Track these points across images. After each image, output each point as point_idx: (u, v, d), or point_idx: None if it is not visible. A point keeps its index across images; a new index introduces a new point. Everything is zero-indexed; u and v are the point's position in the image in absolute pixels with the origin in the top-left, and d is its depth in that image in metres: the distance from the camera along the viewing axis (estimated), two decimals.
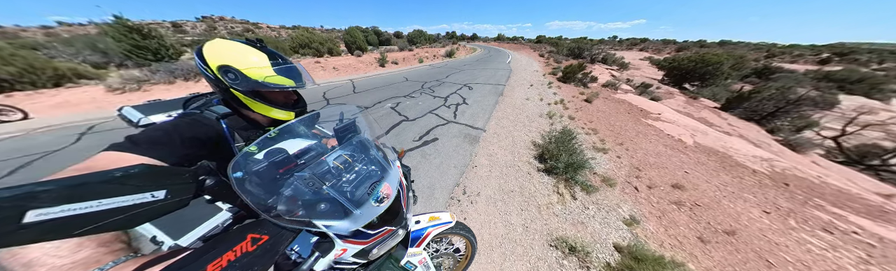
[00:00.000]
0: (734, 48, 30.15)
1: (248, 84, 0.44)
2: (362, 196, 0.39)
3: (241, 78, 0.44)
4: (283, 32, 26.75)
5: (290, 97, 0.54)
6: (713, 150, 3.07)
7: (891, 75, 15.15)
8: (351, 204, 0.36)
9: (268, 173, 0.37)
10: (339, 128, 0.50)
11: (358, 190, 0.39)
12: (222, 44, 0.45)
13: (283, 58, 0.48)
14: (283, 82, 0.46)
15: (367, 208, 0.37)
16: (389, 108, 3.20)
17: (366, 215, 0.37)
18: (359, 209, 0.36)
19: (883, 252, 1.64)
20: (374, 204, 0.38)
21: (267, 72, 0.45)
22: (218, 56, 0.44)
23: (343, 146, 0.46)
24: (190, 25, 26.75)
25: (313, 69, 6.59)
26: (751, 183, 2.35)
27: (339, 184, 0.39)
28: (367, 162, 0.45)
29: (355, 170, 0.42)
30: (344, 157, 0.43)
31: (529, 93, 4.19)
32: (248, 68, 0.44)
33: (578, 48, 11.72)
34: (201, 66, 0.44)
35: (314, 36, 9.66)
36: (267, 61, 0.45)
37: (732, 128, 4.93)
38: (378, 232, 0.42)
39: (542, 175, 1.74)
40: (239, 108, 0.51)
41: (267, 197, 0.35)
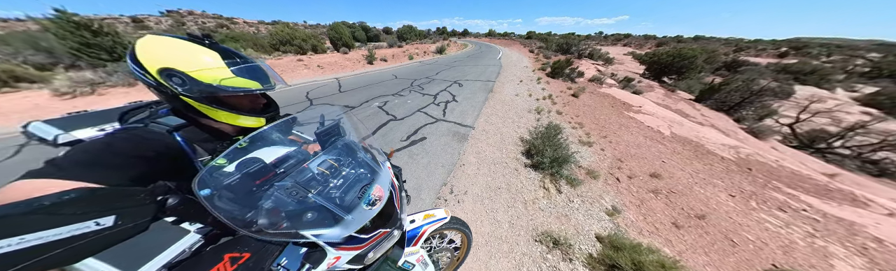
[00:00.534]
0: (707, 43, 31.59)
1: (200, 89, 0.36)
2: (353, 200, 0.36)
3: (191, 82, 0.35)
4: (263, 28, 24.49)
5: (258, 101, 0.46)
6: (688, 140, 3.19)
7: (836, 67, 16.41)
8: (341, 209, 0.33)
9: (242, 186, 0.33)
10: (321, 131, 0.44)
11: (348, 194, 0.37)
12: (159, 42, 0.35)
13: (241, 56, 0.40)
14: (245, 85, 0.39)
15: (359, 212, 0.35)
16: (377, 107, 3.01)
17: (358, 220, 0.34)
18: (350, 214, 0.34)
19: (825, 226, 1.80)
20: (366, 208, 0.35)
21: (222, 73, 0.36)
22: (156, 57, 0.34)
23: (327, 151, 0.42)
24: (153, 20, 23.06)
25: (296, 67, 6.06)
26: (720, 169, 2.48)
27: (325, 191, 0.36)
28: (354, 165, 0.42)
29: (343, 175, 0.39)
30: (329, 162, 0.40)
31: (519, 89, 4.08)
32: (197, 70, 0.35)
33: (567, 44, 11.66)
34: (137, 71, 0.35)
35: (296, 32, 8.79)
36: (221, 61, 0.37)
37: (705, 119, 5.17)
38: (372, 235, 0.39)
39: (530, 170, 1.70)
40: (196, 118, 0.42)
41: (244, 211, 0.32)
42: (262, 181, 0.35)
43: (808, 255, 1.48)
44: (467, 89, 3.94)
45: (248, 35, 9.22)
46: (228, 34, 9.07)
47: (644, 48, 25.74)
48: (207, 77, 0.36)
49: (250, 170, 0.34)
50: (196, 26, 22.08)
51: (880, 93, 9.74)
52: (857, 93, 11.36)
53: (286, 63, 6.32)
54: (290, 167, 0.39)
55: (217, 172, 0.33)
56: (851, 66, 17.91)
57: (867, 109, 8.65)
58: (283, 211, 0.33)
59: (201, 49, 0.36)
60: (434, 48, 11.33)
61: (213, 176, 0.32)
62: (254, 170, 0.34)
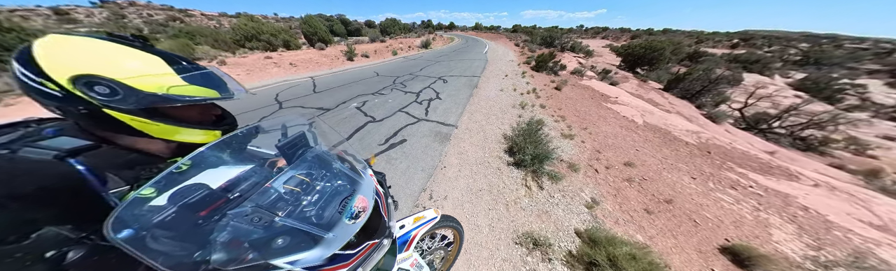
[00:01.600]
0: (674, 35, 32.53)
1: (140, 100, 0.26)
2: (333, 215, 0.31)
3: (127, 91, 0.26)
4: (226, 21, 20.28)
5: (210, 112, 0.36)
6: (658, 128, 3.24)
7: (775, 56, 17.85)
8: (319, 228, 0.28)
9: (183, 220, 0.26)
10: (284, 144, 0.35)
11: (326, 210, 0.31)
12: (71, 43, 0.25)
13: (188, 60, 0.31)
14: (200, 93, 0.30)
15: (342, 228, 0.30)
16: (355, 109, 2.62)
17: (341, 236, 0.29)
18: (331, 231, 0.29)
19: (768, 200, 1.95)
20: (349, 222, 0.31)
21: (170, 80, 0.28)
22: (69, 62, 0.24)
23: (294, 165, 0.34)
24: (82, 12, 16.77)
25: (265, 66, 5.08)
26: (684, 154, 2.56)
27: (297, 211, 0.30)
28: (330, 177, 0.36)
29: (317, 190, 0.33)
30: (299, 178, 0.33)
31: (503, 84, 3.84)
32: (136, 77, 0.26)
33: (550, 37, 11.36)
34: (30, 81, 0.23)
35: (264, 26, 7.31)
36: (166, 66, 0.28)
37: (672, 106, 5.36)
38: (360, 249, 0.34)
39: (512, 169, 1.58)
40: (112, 137, 0.30)
41: (191, 251, 0.25)
42: (209, 211, 0.28)
43: (753, 227, 1.58)
44: (452, 85, 3.62)
45: (206, 30, 7.50)
46: (183, 29, 7.37)
47: (620, 41, 25.84)
48: (150, 85, 0.26)
49: (191, 200, 0.27)
50: (141, 20, 16.62)
51: (807, 79, 10.93)
52: (791, 79, 12.55)
53: (252, 61, 5.27)
54: (247, 190, 0.33)
55: (142, 208, 0.24)
56: (786, 55, 19.77)
57: (798, 93, 9.62)
58: (245, 241, 0.26)
59: (135, 52, 0.27)
60: (419, 42, 10.30)
61: (137, 212, 0.23)
62: (196, 198, 0.27)
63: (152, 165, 0.31)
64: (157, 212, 0.25)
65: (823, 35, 48.04)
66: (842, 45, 28.53)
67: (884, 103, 10.09)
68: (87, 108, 0.26)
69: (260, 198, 0.30)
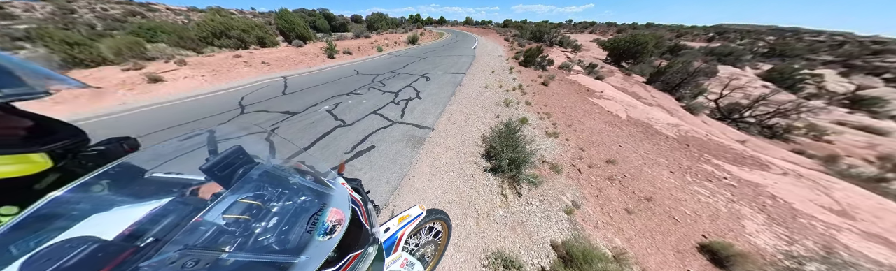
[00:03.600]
0: (656, 29, 32.26)
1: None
2: (302, 236, 0.27)
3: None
4: (195, 16, 17.72)
5: (9, 124, 0.22)
6: (640, 122, 3.10)
7: (746, 48, 18.15)
8: (286, 255, 0.25)
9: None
10: (211, 165, 0.28)
11: (291, 232, 0.27)
12: None
13: None
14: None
15: (315, 247, 0.26)
16: (325, 112, 2.25)
17: (316, 256, 0.26)
18: (302, 254, 0.25)
19: (741, 190, 1.89)
20: (323, 239, 0.27)
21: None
22: None
23: (234, 189, 0.28)
24: (20, 6, 12.74)
25: (234, 65, 4.27)
26: (665, 147, 2.45)
27: (251, 241, 0.25)
28: (289, 195, 0.31)
29: (274, 212, 0.28)
30: (244, 203, 0.27)
31: (489, 81, 3.49)
32: None
33: (540, 31, 10.79)
34: None
35: (234, 21, 6.17)
36: None
37: (654, 99, 5.26)
38: (342, 263, 0.30)
39: (488, 175, 1.37)
40: None
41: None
42: (112, 268, 0.20)
43: (727, 220, 1.52)
44: (434, 83, 3.25)
45: (170, 25, 6.32)
46: (143, 25, 6.13)
47: (607, 35, 25.16)
48: None
49: (66, 264, 0.18)
50: (93, 14, 13.39)
51: (774, 70, 11.26)
52: (759, 70, 12.84)
53: (219, 61, 4.41)
54: (167, 230, 0.25)
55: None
56: (755, 48, 20.19)
57: (766, 83, 9.85)
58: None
59: None
60: (406, 38, 9.34)
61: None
62: (78, 258, 0.18)
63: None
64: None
65: (788, 28, 49.46)
66: (802, 37, 29.69)
67: (836, 91, 10.65)
68: None
69: (188, 237, 0.22)
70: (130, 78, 3.21)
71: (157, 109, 2.46)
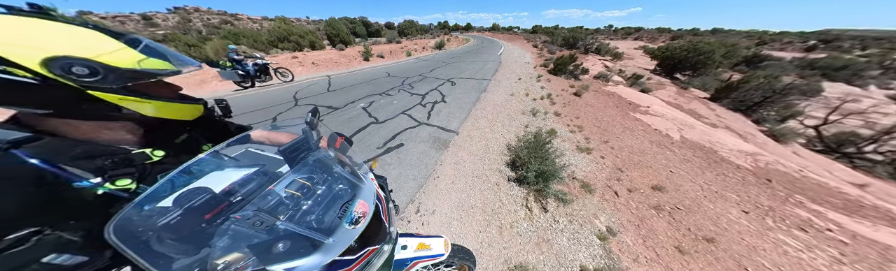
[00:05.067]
0: (726, 36, 28.51)
1: (121, 77, 0.26)
2: (333, 220, 0.31)
3: (106, 70, 0.25)
4: (266, 24, 23.84)
5: (175, 88, 0.35)
6: (699, 145, 2.78)
7: (873, 61, 14.54)
8: (319, 233, 0.28)
9: (186, 223, 0.27)
10: (286, 148, 0.35)
11: (326, 215, 0.31)
12: (18, 23, 0.22)
13: (123, 33, 0.29)
14: (162, 66, 0.29)
15: (342, 233, 0.30)
16: (361, 109, 2.72)
17: (341, 241, 0.30)
18: (331, 237, 0.29)
19: (855, 249, 1.50)
20: (350, 227, 0.31)
21: (133, 54, 0.27)
22: (32, 44, 0.22)
23: (296, 169, 0.34)
24: (161, 17, 22.55)
25: (291, 65, 5.62)
26: (734, 180, 2.12)
27: (298, 215, 0.30)
28: (331, 181, 0.36)
29: (318, 194, 0.34)
30: (300, 182, 0.33)
31: (515, 88, 3.64)
32: (105, 54, 0.25)
33: (573, 38, 10.70)
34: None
35: (293, 28, 8.39)
36: (114, 40, 0.26)
37: (720, 120, 4.60)
38: (360, 255, 0.34)
39: (512, 185, 1.43)
40: (59, 128, 0.27)
41: (191, 254, 0.26)
42: (213, 214, 0.29)
43: None
44: (459, 88, 3.56)
45: (249, 31, 8.76)
46: (231, 31, 8.76)
47: (657, 42, 23.91)
48: (124, 60, 0.26)
49: (195, 203, 0.27)
50: (201, 22, 21.90)
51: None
52: (894, 91, 10.05)
53: (282, 60, 5.93)
54: (249, 193, 0.34)
55: (145, 211, 0.25)
56: (889, 61, 15.80)
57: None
58: (245, 245, 0.26)
59: (77, 29, 0.25)
60: (433, 43, 10.61)
61: (138, 216, 0.24)
62: (200, 202, 0.28)
63: (116, 156, 0.29)
64: (162, 215, 0.25)
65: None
66: None
67: None
68: (68, 93, 0.24)
69: (262, 201, 0.29)
70: (216, 74, 4.52)
71: (237, 97, 3.44)
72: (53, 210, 0.24)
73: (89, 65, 0.24)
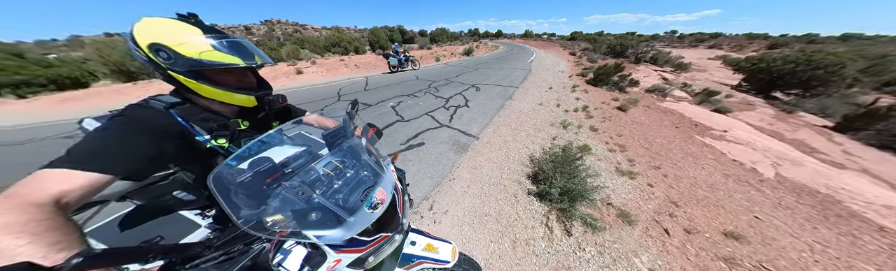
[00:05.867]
0: (869, 44, 20.80)
1: (184, 63, 0.38)
2: (355, 202, 0.37)
3: (176, 56, 0.38)
4: (324, 32, 31.20)
5: (245, 79, 0.47)
6: (809, 189, 2.10)
7: None
8: (344, 211, 0.35)
9: (253, 184, 0.35)
10: (328, 133, 0.46)
11: (351, 196, 0.38)
12: (153, 21, 0.38)
13: (222, 32, 0.42)
14: (224, 59, 0.40)
15: (361, 215, 0.36)
16: (390, 107, 3.16)
17: (360, 222, 0.35)
18: (352, 216, 0.35)
19: None
20: (369, 211, 0.37)
21: (202, 47, 0.39)
22: (148, 34, 0.37)
23: (333, 152, 0.43)
24: (256, 28, 34.82)
25: (338, 66, 7.14)
26: (874, 248, 1.49)
27: (329, 192, 0.37)
28: (359, 167, 0.43)
29: (347, 177, 0.41)
30: (334, 164, 0.41)
31: (545, 98, 3.60)
32: (180, 44, 0.37)
33: (621, 45, 9.94)
34: (133, 49, 0.38)
35: (343, 35, 10.77)
36: (202, 35, 0.39)
37: (849, 159, 3.33)
38: (374, 238, 0.40)
39: (533, 200, 1.40)
40: (190, 96, 0.44)
41: (253, 208, 0.33)
42: (271, 180, 0.36)
43: None
44: (484, 94, 3.72)
45: (311, 38, 11.54)
46: (299, 38, 11.77)
47: (745, 51, 19.45)
48: (189, 50, 0.37)
49: (261, 169, 0.36)
50: (280, 31, 30.83)
51: None
52: None
53: (332, 62, 7.56)
54: (297, 167, 0.41)
55: (232, 169, 0.35)
56: None
57: None
58: (289, 210, 0.33)
59: (185, 25, 0.39)
60: (462, 50, 11.45)
61: (228, 172, 0.34)
62: (264, 168, 0.36)
63: (220, 121, 0.45)
64: (240, 174, 0.34)
65: None
66: None
67: None
68: (161, 71, 0.38)
69: (305, 175, 0.37)
70: (288, 71, 6.18)
71: (296, 91, 4.62)
72: (185, 156, 0.40)
73: (167, 51, 0.36)
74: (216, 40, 0.40)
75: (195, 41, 0.38)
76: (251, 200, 0.34)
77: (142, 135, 0.36)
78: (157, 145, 0.37)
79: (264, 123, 0.55)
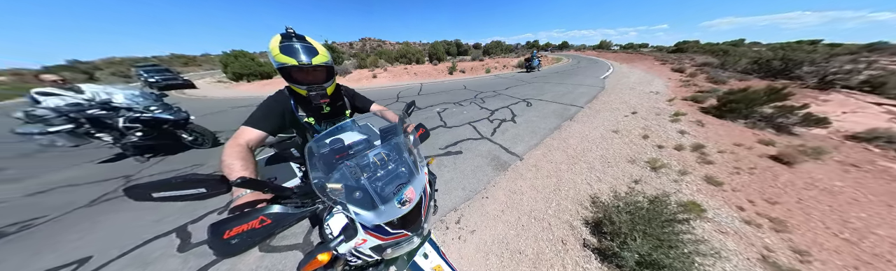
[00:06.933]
0: None
1: (275, 63, 0.63)
2: (388, 194, 0.46)
3: (273, 59, 0.63)
4: (397, 47, 43.15)
5: (307, 76, 0.66)
6: None
7: None
8: (379, 198, 0.44)
9: (328, 157, 0.52)
10: (384, 128, 0.65)
11: (386, 188, 0.47)
12: (275, 37, 0.64)
13: (296, 37, 0.63)
14: (284, 60, 0.61)
15: (391, 207, 0.43)
16: (436, 113, 3.65)
17: (388, 213, 0.43)
18: (383, 205, 0.43)
19: None
20: (397, 205, 0.43)
21: (275, 50, 0.61)
22: (268, 44, 0.64)
23: (384, 145, 0.55)
24: (355, 44, 55.03)
25: (402, 73, 9.34)
26: None
27: (373, 178, 0.48)
28: (399, 163, 0.53)
29: (389, 169, 0.51)
30: (382, 155, 0.52)
31: (624, 125, 2.91)
32: (271, 49, 0.62)
33: (785, 59, 6.44)
34: (270, 57, 0.65)
35: (409, 48, 14.19)
36: (279, 42, 0.62)
37: None
38: (396, 233, 0.46)
39: (588, 255, 1.09)
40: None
41: (325, 172, 0.46)
42: (339, 157, 0.52)
43: None
44: (535, 111, 3.48)
45: (387, 51, 15.97)
46: (379, 51, 16.64)
47: None
48: (273, 54, 0.62)
49: (335, 147, 0.54)
50: (368, 46, 46.29)
51: None
52: None
53: (399, 70, 10.01)
54: (358, 151, 0.56)
55: (320, 143, 0.52)
56: None
57: None
58: (344, 184, 0.43)
59: (278, 36, 0.64)
60: (516, 62, 11.93)
61: (318, 144, 0.50)
62: (337, 147, 0.54)
63: (313, 104, 0.71)
64: (323, 147, 0.51)
65: None
66: None
67: None
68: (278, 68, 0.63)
69: (360, 159, 0.49)
70: (368, 75, 8.67)
71: (369, 90, 6.45)
72: (297, 126, 0.71)
73: (270, 56, 0.62)
74: (281, 44, 0.60)
75: (274, 46, 0.61)
76: (325, 168, 0.46)
77: (274, 110, 0.67)
78: (280, 116, 0.67)
79: (340, 109, 0.81)
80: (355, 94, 0.88)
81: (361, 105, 0.89)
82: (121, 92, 1.89)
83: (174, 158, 2.22)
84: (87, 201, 1.60)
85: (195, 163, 2.12)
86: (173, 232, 1.28)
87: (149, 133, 2.02)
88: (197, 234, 1.25)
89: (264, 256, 1.08)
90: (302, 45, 0.62)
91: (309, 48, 0.63)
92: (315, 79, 0.69)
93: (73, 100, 1.80)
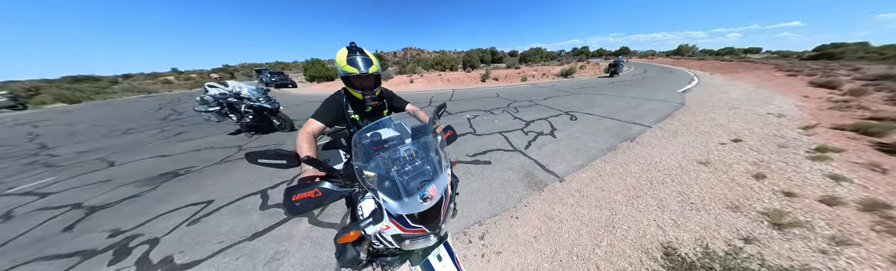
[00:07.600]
0: None
1: (339, 72, 0.85)
2: (413, 189, 0.51)
3: (339, 69, 0.84)
4: (433, 55, 48.77)
5: (363, 83, 0.88)
6: None
7: None
8: (404, 190, 0.50)
9: (368, 147, 0.64)
10: (416, 127, 0.80)
11: (411, 182, 0.53)
12: (341, 50, 0.84)
13: (358, 51, 0.82)
14: (347, 69, 0.81)
15: (413, 200, 0.48)
16: (466, 119, 3.78)
17: (411, 205, 0.48)
18: (407, 198, 0.49)
19: None
20: (419, 201, 0.48)
21: (342, 62, 0.81)
22: (336, 57, 0.85)
23: (414, 142, 0.65)
24: (398, 53, 66.43)
25: (436, 80, 10.39)
26: None
27: (401, 171, 0.55)
28: (425, 161, 0.59)
29: (415, 165, 0.58)
30: (411, 151, 0.61)
31: (719, 155, 2.19)
32: (338, 60, 0.83)
33: None
34: (338, 67, 0.85)
35: (445, 56, 15.95)
36: (346, 55, 0.80)
37: None
38: (416, 226, 0.51)
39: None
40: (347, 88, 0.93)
41: (364, 161, 0.56)
42: (376, 148, 0.64)
43: None
44: (582, 126, 3.08)
45: (425, 59, 18.28)
46: (418, 59, 19.14)
47: None
48: (339, 65, 0.82)
49: (374, 139, 0.69)
50: (409, 55, 54.14)
51: None
52: None
53: (433, 76, 11.23)
54: (391, 145, 0.68)
55: (363, 135, 0.63)
56: None
57: None
58: (377, 173, 0.52)
59: (344, 49, 0.82)
60: (558, 70, 11.37)
61: (361, 136, 0.61)
62: (376, 140, 0.69)
63: (358, 104, 0.95)
64: (365, 139, 0.63)
65: None
66: None
67: None
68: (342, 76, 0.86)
69: (393, 153, 0.58)
70: (406, 80, 10.02)
71: (405, 94, 7.38)
72: (346, 120, 0.96)
73: (338, 65, 0.83)
74: (347, 57, 0.79)
75: (341, 58, 0.80)
76: (364, 156, 0.55)
77: (331, 107, 0.89)
78: (336, 111, 0.89)
79: (380, 108, 1.02)
80: (393, 96, 1.08)
81: (398, 105, 1.08)
82: (246, 87, 2.99)
83: (267, 137, 3.28)
84: (219, 159, 2.54)
85: (278, 142, 3.04)
86: (259, 193, 1.78)
87: (256, 117, 3.11)
88: (273, 198, 1.71)
89: (312, 228, 1.37)
90: (362, 57, 0.82)
91: (367, 60, 0.83)
92: (368, 84, 0.90)
93: (223, 91, 2.98)
